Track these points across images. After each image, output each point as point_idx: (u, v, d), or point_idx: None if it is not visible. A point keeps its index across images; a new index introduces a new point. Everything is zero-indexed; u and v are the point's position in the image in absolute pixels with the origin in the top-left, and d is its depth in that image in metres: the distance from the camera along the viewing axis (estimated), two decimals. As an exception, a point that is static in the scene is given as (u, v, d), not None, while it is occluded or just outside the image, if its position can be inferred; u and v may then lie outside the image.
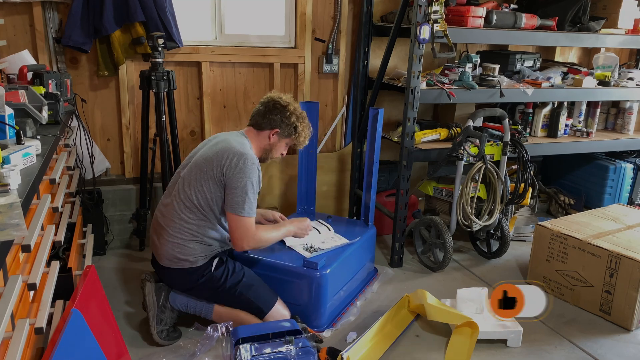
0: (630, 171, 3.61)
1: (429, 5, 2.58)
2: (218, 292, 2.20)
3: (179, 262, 2.16)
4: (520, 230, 3.43)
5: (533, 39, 3.11)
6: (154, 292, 2.21)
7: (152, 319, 2.17)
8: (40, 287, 1.45)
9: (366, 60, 3.25)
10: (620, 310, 2.44)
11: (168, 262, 2.18)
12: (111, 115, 3.01)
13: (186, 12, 3.00)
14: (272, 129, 2.28)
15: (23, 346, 1.20)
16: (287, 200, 3.36)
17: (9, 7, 2.64)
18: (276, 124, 2.27)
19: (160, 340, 2.18)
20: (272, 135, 2.29)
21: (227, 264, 2.23)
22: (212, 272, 2.19)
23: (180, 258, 2.15)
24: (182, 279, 2.20)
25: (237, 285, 2.19)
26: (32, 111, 1.80)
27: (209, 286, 2.19)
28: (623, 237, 2.61)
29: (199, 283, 2.18)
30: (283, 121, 2.27)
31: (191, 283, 2.20)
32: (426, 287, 2.76)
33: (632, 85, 3.34)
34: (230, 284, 2.19)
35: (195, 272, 2.18)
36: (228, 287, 2.19)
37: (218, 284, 2.18)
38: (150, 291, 2.21)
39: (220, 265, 2.21)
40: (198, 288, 2.21)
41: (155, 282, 2.23)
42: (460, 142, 2.80)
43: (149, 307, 2.20)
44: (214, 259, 2.21)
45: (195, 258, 2.16)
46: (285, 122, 2.27)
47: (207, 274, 2.18)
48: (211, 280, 2.18)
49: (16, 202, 1.24)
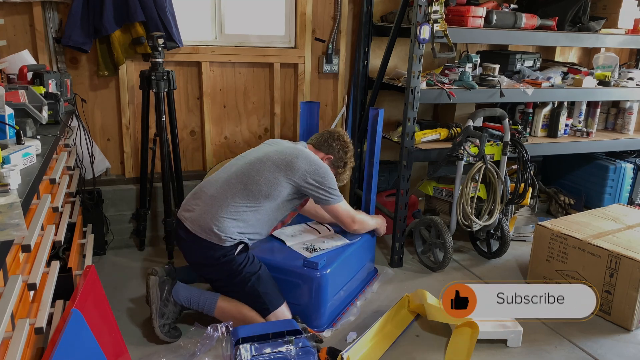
0: (630, 171, 3.61)
1: (429, 5, 2.58)
2: (232, 276, 2.21)
3: (211, 234, 2.18)
4: (520, 230, 3.43)
5: (533, 39, 3.11)
6: (158, 285, 2.21)
7: (154, 312, 2.18)
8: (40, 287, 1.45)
9: (366, 60, 3.25)
10: (620, 310, 2.44)
11: (200, 231, 2.20)
12: (111, 115, 3.01)
13: (186, 12, 3.00)
14: (327, 154, 2.48)
15: (23, 346, 1.20)
16: (287, 200, 3.36)
17: (9, 7, 2.64)
18: (333, 152, 2.49)
19: (162, 335, 2.18)
20: (325, 158, 2.47)
21: (249, 253, 2.27)
22: (235, 255, 2.21)
23: (214, 231, 2.17)
24: (205, 252, 2.21)
25: (252, 275, 2.21)
26: (32, 111, 1.80)
27: (226, 268, 2.21)
28: (623, 237, 2.61)
29: (219, 262, 2.20)
30: (339, 152, 2.50)
31: (211, 259, 2.21)
32: (426, 287, 2.76)
33: (632, 85, 3.34)
34: (246, 272, 2.21)
35: (219, 250, 2.19)
36: (243, 275, 2.20)
37: (235, 268, 2.20)
38: (154, 284, 2.20)
39: (244, 252, 2.25)
40: (215, 267, 2.22)
41: (160, 276, 2.23)
42: (460, 142, 2.80)
43: (152, 300, 2.20)
44: (240, 244, 2.24)
45: (226, 237, 2.18)
46: (341, 154, 2.50)
47: (230, 255, 2.20)
48: (231, 263, 2.20)
49: (16, 202, 1.24)
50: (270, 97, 3.26)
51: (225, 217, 2.20)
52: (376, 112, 2.69)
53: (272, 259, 2.35)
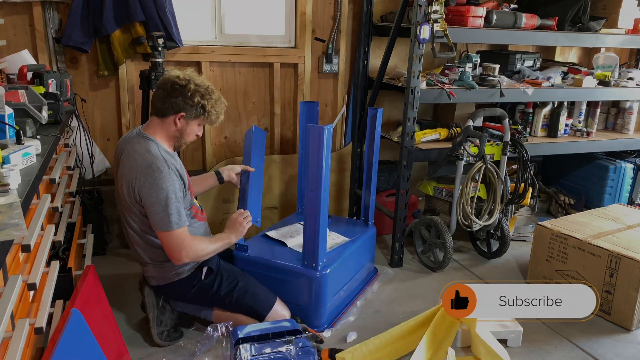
0: (630, 171, 3.61)
1: (429, 5, 2.58)
2: (213, 299, 2.18)
3: (165, 279, 2.13)
4: (520, 230, 3.43)
5: (533, 38, 3.11)
6: (154, 293, 2.19)
7: (152, 321, 2.16)
8: (40, 287, 1.45)
9: (366, 60, 3.25)
10: (620, 310, 2.44)
11: (156, 282, 2.17)
12: (111, 115, 3.01)
13: (186, 12, 3.00)
14: (176, 114, 2.04)
15: (23, 346, 1.20)
16: (287, 200, 3.36)
17: (9, 7, 2.63)
18: (180, 107, 2.03)
19: (161, 341, 2.17)
20: (178, 120, 2.05)
21: (219, 272, 2.18)
22: (202, 281, 2.14)
23: (164, 276, 2.13)
24: (174, 292, 2.19)
25: (233, 291, 2.16)
26: (32, 111, 1.80)
27: (202, 295, 2.17)
28: (623, 237, 2.61)
29: (190, 294, 2.16)
30: (187, 103, 2.02)
31: (184, 294, 2.18)
32: (426, 287, 2.76)
33: (632, 85, 3.34)
34: (225, 292, 2.16)
35: (184, 283, 2.14)
36: (223, 295, 2.16)
37: (212, 293, 2.16)
38: (149, 293, 2.19)
39: (210, 274, 2.16)
40: (192, 298, 2.19)
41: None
42: (460, 142, 2.80)
43: (148, 309, 2.19)
44: (203, 268, 2.15)
45: (180, 270, 2.12)
46: (190, 103, 2.02)
47: (197, 284, 2.14)
48: (203, 290, 2.15)
49: (16, 202, 1.24)
50: (270, 97, 3.26)
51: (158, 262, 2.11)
52: (375, 112, 2.68)
53: (272, 258, 2.35)
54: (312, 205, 2.19)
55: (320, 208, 2.18)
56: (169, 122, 2.06)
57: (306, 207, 2.22)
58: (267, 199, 3.32)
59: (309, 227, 2.23)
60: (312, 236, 2.23)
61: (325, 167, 2.14)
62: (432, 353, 2.13)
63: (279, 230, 2.66)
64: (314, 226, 2.21)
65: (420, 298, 2.64)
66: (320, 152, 2.10)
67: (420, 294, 2.69)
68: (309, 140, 2.11)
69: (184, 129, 2.09)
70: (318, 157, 2.11)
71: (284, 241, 2.51)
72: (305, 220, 2.24)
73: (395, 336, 2.19)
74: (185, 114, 2.05)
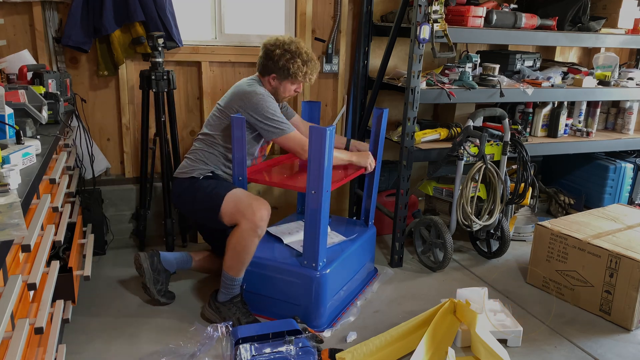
0: (630, 171, 3.61)
1: (429, 5, 2.58)
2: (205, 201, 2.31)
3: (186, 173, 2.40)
4: (520, 230, 3.43)
5: (533, 38, 3.10)
6: (148, 258, 2.42)
7: (149, 282, 2.40)
8: (40, 287, 1.45)
9: (366, 60, 3.25)
10: (620, 310, 2.44)
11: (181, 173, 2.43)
12: (111, 115, 3.01)
13: (186, 11, 3.00)
14: (269, 75, 2.43)
15: (23, 346, 1.20)
16: (287, 200, 3.36)
17: (9, 7, 2.63)
18: (271, 70, 2.42)
19: (160, 297, 2.42)
20: (271, 80, 2.44)
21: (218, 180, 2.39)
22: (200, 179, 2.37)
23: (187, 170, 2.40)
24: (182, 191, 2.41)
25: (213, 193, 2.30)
26: (32, 111, 1.80)
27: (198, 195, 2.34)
28: (623, 237, 2.61)
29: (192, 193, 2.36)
30: (276, 65, 2.39)
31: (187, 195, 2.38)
32: (426, 287, 2.76)
33: (632, 85, 3.34)
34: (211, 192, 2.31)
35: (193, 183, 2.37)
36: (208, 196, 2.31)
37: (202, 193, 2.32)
38: (145, 258, 2.42)
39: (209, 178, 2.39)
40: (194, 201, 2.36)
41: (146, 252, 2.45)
42: (460, 142, 2.80)
43: (145, 272, 2.40)
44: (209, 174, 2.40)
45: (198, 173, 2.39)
46: (278, 65, 2.38)
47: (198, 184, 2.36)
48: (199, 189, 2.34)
49: (16, 202, 1.24)
50: (270, 97, 3.25)
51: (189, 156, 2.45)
52: (381, 112, 2.66)
53: (272, 258, 2.35)
54: (312, 205, 2.19)
55: (321, 208, 2.18)
56: (265, 81, 2.46)
57: (307, 208, 2.22)
58: (267, 199, 3.31)
59: (310, 227, 2.23)
60: (313, 236, 2.23)
61: (327, 168, 2.15)
62: (432, 353, 2.13)
63: (279, 227, 2.67)
64: (315, 226, 2.21)
65: (420, 298, 2.64)
66: (322, 153, 2.11)
67: (420, 294, 2.69)
68: (311, 141, 2.11)
69: (278, 88, 2.46)
70: (320, 158, 2.12)
71: (280, 237, 2.51)
72: (306, 221, 2.24)
73: (395, 336, 2.19)
74: (276, 76, 2.43)
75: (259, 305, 2.38)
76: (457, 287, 2.42)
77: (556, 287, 2.71)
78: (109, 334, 2.24)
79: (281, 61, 2.38)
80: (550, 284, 2.73)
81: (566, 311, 2.58)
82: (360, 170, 2.58)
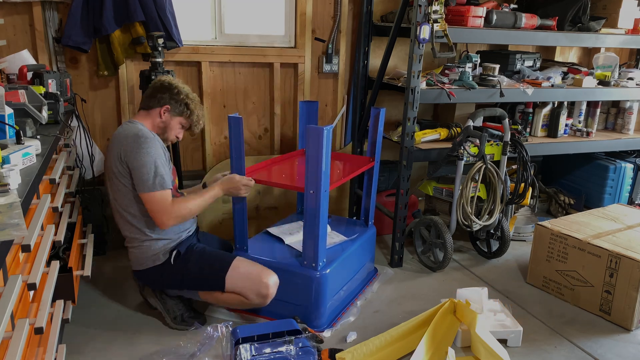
0: (630, 171, 3.61)
1: (429, 5, 2.58)
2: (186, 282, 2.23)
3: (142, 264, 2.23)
4: (520, 230, 3.43)
5: (533, 38, 3.10)
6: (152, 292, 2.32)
7: (163, 312, 2.30)
8: (40, 287, 1.45)
9: (366, 60, 3.25)
10: (620, 310, 2.44)
11: (137, 267, 2.26)
12: (111, 115, 3.01)
13: (186, 11, 3.00)
14: (162, 106, 2.21)
15: (23, 346, 1.19)
16: (287, 200, 3.36)
17: (9, 7, 2.63)
18: (165, 101, 2.21)
19: (177, 326, 2.29)
20: (163, 113, 2.21)
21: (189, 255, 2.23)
22: (172, 264, 2.21)
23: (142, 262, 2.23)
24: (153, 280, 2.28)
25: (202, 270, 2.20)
26: (32, 111, 1.80)
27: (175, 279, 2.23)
28: (623, 237, 2.61)
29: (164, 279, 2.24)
30: (173, 98, 2.21)
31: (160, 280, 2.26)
32: (426, 287, 2.76)
33: (632, 85, 3.34)
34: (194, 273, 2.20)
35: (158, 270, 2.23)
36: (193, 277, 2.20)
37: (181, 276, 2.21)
38: (148, 291, 2.33)
39: (178, 258, 2.22)
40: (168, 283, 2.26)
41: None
42: (460, 142, 2.80)
43: (154, 304, 2.32)
44: (173, 252, 2.22)
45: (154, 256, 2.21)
46: (175, 98, 2.22)
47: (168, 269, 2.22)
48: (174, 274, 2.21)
49: (16, 202, 1.24)
50: (270, 97, 3.26)
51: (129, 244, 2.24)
52: (378, 112, 2.67)
53: (272, 258, 2.35)
54: (311, 205, 2.19)
55: (320, 208, 2.18)
56: (155, 114, 2.22)
57: (306, 208, 2.21)
58: (267, 199, 3.32)
59: (309, 227, 2.23)
60: (312, 236, 2.23)
61: (325, 167, 2.15)
62: (432, 353, 2.13)
63: (280, 227, 2.67)
64: (314, 226, 2.21)
65: (420, 298, 2.64)
66: (319, 153, 2.11)
67: (420, 294, 2.69)
68: (309, 140, 2.11)
69: (168, 123, 2.24)
70: (318, 157, 2.12)
71: (281, 237, 2.51)
72: (305, 221, 2.24)
73: (395, 336, 2.19)
74: (170, 107, 2.22)
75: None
76: (457, 287, 2.42)
77: (556, 287, 2.70)
78: (109, 334, 2.24)
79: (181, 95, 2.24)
80: (550, 284, 2.73)
81: (566, 311, 2.58)
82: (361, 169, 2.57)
